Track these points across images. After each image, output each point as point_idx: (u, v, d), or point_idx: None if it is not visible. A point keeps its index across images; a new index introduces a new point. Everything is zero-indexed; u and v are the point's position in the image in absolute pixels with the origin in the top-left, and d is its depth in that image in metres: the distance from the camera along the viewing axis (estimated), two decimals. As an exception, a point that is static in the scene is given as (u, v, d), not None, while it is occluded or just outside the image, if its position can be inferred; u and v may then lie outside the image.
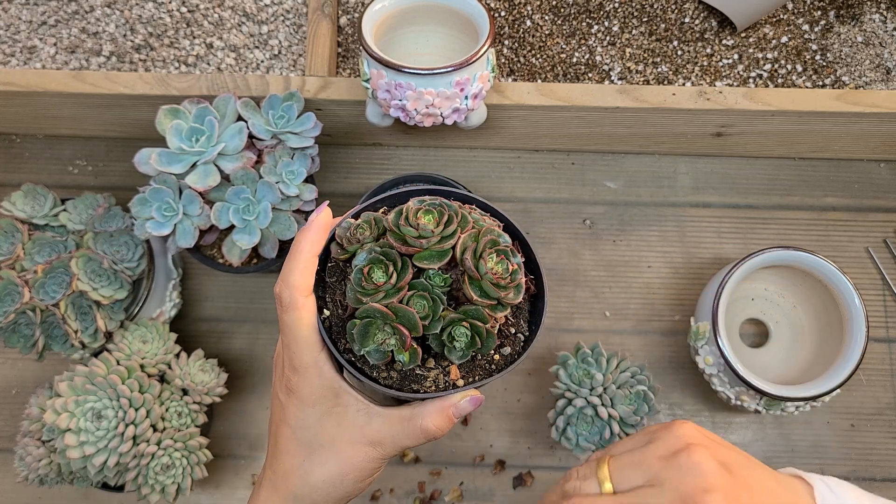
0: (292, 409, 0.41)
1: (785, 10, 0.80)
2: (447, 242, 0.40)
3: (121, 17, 0.80)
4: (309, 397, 0.40)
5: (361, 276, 0.39)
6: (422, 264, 0.39)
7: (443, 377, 0.41)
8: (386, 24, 0.65)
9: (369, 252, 0.40)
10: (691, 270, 0.77)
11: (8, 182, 0.80)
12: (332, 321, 0.41)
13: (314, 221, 0.40)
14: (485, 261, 0.40)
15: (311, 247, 0.39)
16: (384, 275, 0.39)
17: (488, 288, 0.39)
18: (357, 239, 0.41)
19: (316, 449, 0.41)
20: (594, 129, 0.73)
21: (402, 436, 0.41)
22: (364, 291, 0.39)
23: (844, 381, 0.63)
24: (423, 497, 0.72)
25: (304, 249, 0.39)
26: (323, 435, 0.41)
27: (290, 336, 0.40)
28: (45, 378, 0.75)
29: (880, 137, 0.73)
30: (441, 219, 0.40)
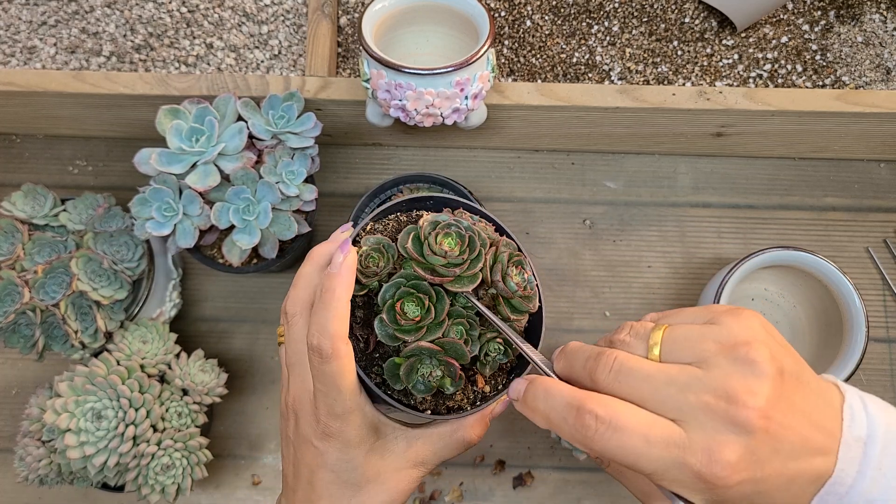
0: (334, 454, 0.40)
1: (785, 10, 0.80)
2: (476, 266, 0.40)
3: (121, 17, 0.80)
4: (354, 439, 0.39)
5: (395, 313, 0.38)
6: (454, 289, 0.39)
7: (470, 388, 0.42)
8: (386, 24, 0.65)
9: (396, 286, 0.39)
10: (691, 270, 0.77)
11: (8, 182, 0.80)
12: (357, 357, 0.40)
13: (345, 265, 0.38)
14: (511, 277, 0.40)
15: (346, 291, 0.37)
16: (419, 308, 0.38)
17: (519, 304, 0.41)
18: (373, 271, 0.40)
19: (363, 486, 0.40)
20: (594, 129, 0.73)
21: (446, 450, 0.41)
22: (401, 329, 0.38)
23: (844, 381, 0.63)
24: (423, 497, 0.72)
25: (341, 297, 0.37)
26: (370, 471, 0.40)
27: (330, 385, 0.38)
28: (45, 378, 0.75)
29: (880, 137, 0.73)
30: (463, 242, 0.40)
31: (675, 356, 0.32)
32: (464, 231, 0.40)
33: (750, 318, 0.32)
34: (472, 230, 0.41)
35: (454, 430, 0.41)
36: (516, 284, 0.40)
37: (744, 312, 0.33)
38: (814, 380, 0.33)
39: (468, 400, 0.42)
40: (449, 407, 0.41)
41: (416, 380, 0.39)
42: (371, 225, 0.43)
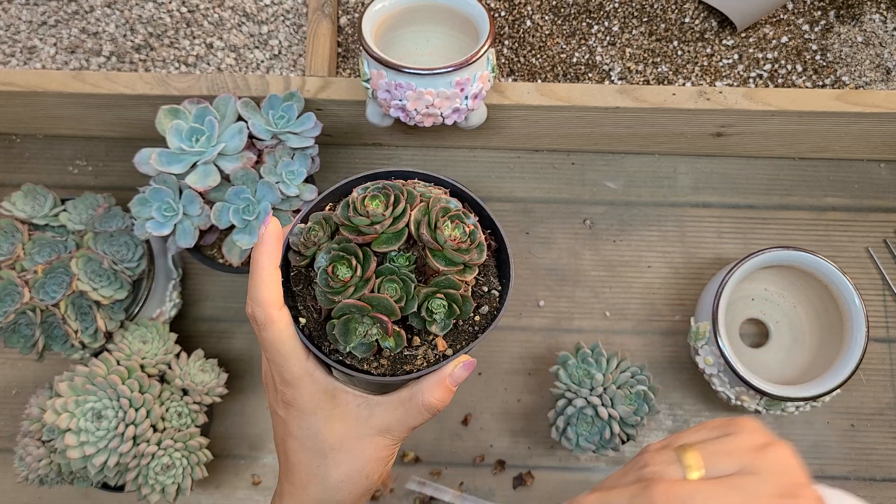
0: (294, 422, 0.41)
1: (785, 10, 0.80)
2: (400, 222, 0.40)
3: (121, 17, 0.80)
4: (308, 406, 0.40)
5: (327, 276, 0.39)
6: (381, 249, 0.40)
7: (431, 352, 0.41)
8: (386, 24, 0.65)
9: (328, 251, 0.39)
10: (691, 270, 0.77)
11: (8, 182, 0.80)
12: (311, 327, 0.41)
13: (265, 234, 0.39)
14: (441, 230, 0.40)
15: (270, 259, 0.39)
16: (349, 269, 0.39)
17: (451, 255, 0.40)
18: (312, 242, 0.41)
19: (327, 453, 0.41)
20: (594, 129, 0.73)
21: (408, 417, 0.41)
22: (333, 290, 0.39)
23: (844, 381, 0.63)
24: (424, 497, 0.72)
25: (264, 264, 0.39)
26: (331, 438, 0.41)
27: (273, 351, 0.39)
28: (45, 378, 0.75)
29: (880, 137, 0.73)
30: (388, 200, 0.40)
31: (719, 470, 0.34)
32: (392, 192, 0.40)
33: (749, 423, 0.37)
34: (401, 190, 0.40)
35: (412, 395, 0.41)
36: (450, 237, 0.40)
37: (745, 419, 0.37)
38: None
39: (429, 363, 0.41)
40: (407, 371, 0.41)
41: (353, 340, 0.39)
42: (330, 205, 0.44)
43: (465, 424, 0.74)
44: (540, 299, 0.77)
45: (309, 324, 0.41)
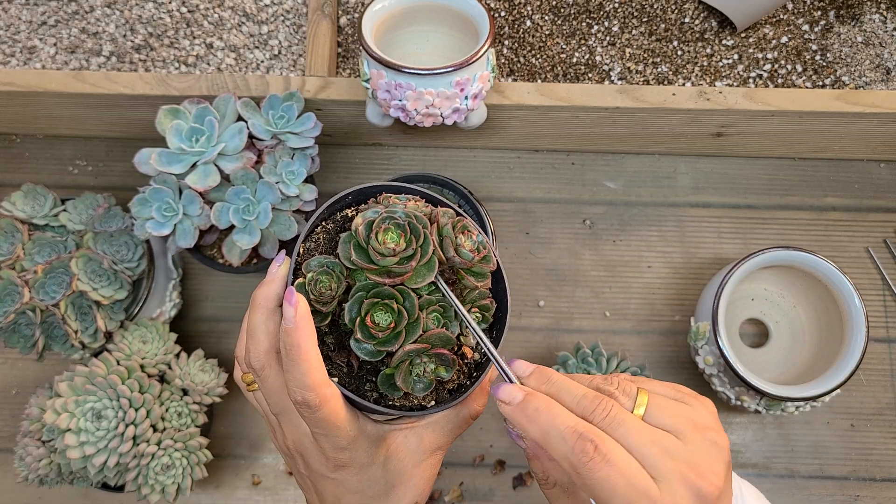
0: (353, 479, 0.40)
1: (785, 10, 0.80)
2: (428, 252, 0.38)
3: (121, 17, 0.80)
4: (366, 460, 0.40)
5: (368, 329, 0.37)
6: (417, 285, 0.38)
7: (461, 361, 0.41)
8: (386, 24, 0.65)
9: (358, 302, 0.37)
10: (691, 270, 0.77)
11: (8, 182, 0.80)
12: (345, 381, 0.39)
13: (299, 317, 0.36)
14: (463, 246, 0.39)
15: (310, 340, 0.37)
16: (390, 315, 0.37)
17: (479, 268, 0.40)
18: (329, 297, 0.38)
19: (390, 492, 0.42)
20: (594, 129, 0.73)
21: (456, 430, 0.42)
22: (380, 341, 0.37)
23: (844, 381, 0.63)
24: (423, 497, 0.72)
25: (307, 347, 0.36)
26: (392, 478, 0.41)
27: (327, 427, 0.38)
28: (45, 378, 0.75)
29: (880, 137, 0.73)
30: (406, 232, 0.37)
31: (657, 422, 0.37)
32: (402, 220, 0.38)
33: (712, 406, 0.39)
34: (409, 215, 0.38)
35: (458, 410, 0.42)
36: (470, 251, 0.39)
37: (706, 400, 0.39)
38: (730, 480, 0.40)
39: (464, 374, 0.41)
40: (449, 390, 0.41)
41: (412, 382, 0.38)
42: (303, 247, 0.40)
43: (465, 424, 0.74)
44: (540, 299, 0.77)
45: (341, 379, 0.39)
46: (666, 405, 0.37)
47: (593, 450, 0.34)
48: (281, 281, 0.39)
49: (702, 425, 0.37)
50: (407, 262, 0.37)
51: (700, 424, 0.37)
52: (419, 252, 0.37)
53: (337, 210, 0.42)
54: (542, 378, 0.38)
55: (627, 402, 0.37)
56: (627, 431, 0.35)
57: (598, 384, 0.38)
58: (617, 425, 0.35)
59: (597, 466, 0.34)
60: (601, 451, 0.34)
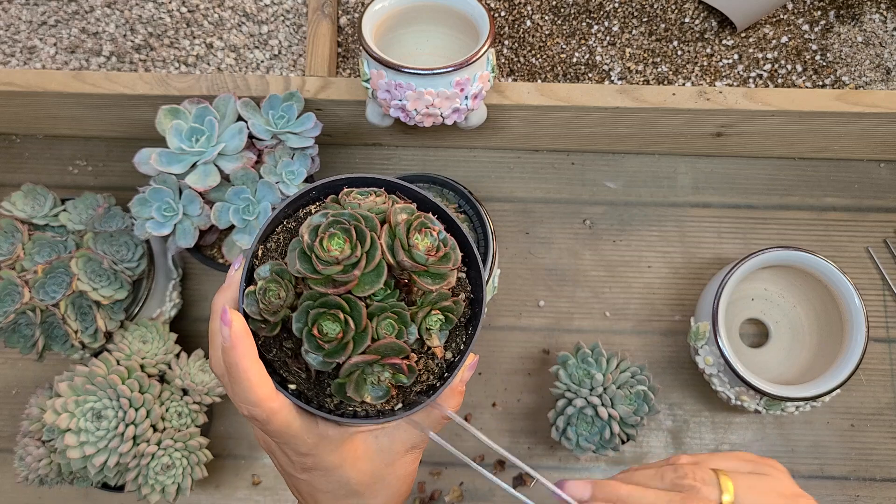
0: (321, 480, 0.40)
1: (785, 10, 0.80)
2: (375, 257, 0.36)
3: (121, 17, 0.80)
4: (331, 463, 0.40)
5: (315, 339, 0.35)
6: (365, 293, 0.36)
7: (432, 361, 0.39)
8: (386, 24, 0.65)
9: (304, 312, 0.35)
10: (691, 270, 0.77)
11: (8, 182, 0.80)
12: (303, 387, 0.38)
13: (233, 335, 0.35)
14: (416, 247, 0.36)
15: (248, 358, 0.36)
16: (338, 324, 0.35)
17: (437, 269, 0.37)
18: (276, 306, 0.36)
19: (363, 491, 0.41)
20: (594, 129, 0.73)
21: (428, 429, 0.41)
22: (328, 352, 0.36)
23: (844, 381, 0.63)
24: (424, 497, 0.72)
25: (246, 366, 0.35)
26: (363, 478, 0.41)
27: (283, 437, 0.38)
28: (45, 378, 0.75)
29: (880, 137, 0.73)
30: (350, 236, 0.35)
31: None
32: (348, 224, 0.35)
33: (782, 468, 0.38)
34: (357, 217, 0.36)
35: (429, 412, 0.40)
36: (426, 252, 0.36)
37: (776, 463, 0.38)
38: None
39: (434, 374, 0.39)
40: (418, 391, 0.39)
41: (367, 390, 0.37)
42: (262, 248, 0.39)
43: (465, 424, 0.74)
44: (540, 299, 0.77)
45: (300, 385, 0.38)
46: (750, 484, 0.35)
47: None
48: (237, 286, 0.38)
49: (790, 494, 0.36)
50: (351, 269, 0.35)
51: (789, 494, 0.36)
52: (364, 258, 0.35)
53: (301, 206, 0.40)
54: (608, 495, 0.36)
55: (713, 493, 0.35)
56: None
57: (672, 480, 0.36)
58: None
59: None
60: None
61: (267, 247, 0.39)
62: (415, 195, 0.41)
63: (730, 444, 0.73)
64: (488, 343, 0.76)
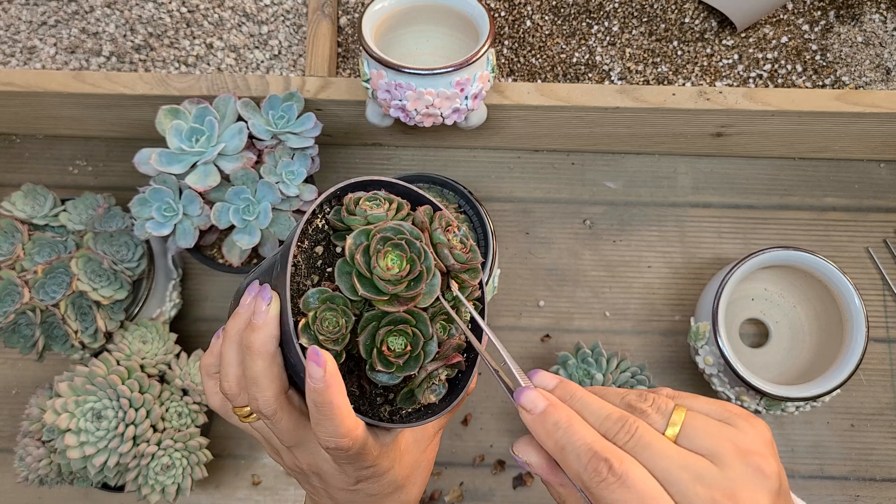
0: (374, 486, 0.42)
1: (785, 10, 0.80)
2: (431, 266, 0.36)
3: (121, 18, 0.80)
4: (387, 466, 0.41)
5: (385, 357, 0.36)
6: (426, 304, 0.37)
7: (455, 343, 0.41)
8: (386, 24, 0.65)
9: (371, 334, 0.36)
10: (691, 270, 0.77)
11: (8, 182, 0.80)
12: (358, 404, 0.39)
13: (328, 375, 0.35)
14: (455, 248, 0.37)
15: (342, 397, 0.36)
16: (405, 339, 0.36)
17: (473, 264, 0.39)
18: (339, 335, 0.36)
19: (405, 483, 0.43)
20: (594, 129, 0.73)
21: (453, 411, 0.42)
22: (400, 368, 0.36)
23: (844, 381, 0.63)
24: (423, 497, 0.72)
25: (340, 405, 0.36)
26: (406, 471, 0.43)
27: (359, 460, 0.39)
28: (45, 378, 0.75)
29: (880, 137, 0.73)
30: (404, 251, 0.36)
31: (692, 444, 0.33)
32: (396, 238, 0.36)
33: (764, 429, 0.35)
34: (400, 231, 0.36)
35: None
36: (462, 251, 0.38)
37: (759, 422, 0.35)
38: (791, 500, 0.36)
39: None
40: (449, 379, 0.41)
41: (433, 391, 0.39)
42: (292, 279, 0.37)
43: (465, 424, 0.74)
44: (540, 299, 0.77)
45: (354, 402, 0.38)
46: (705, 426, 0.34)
47: (607, 470, 0.32)
48: (275, 322, 0.37)
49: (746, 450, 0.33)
50: (416, 285, 0.36)
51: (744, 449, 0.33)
52: (425, 271, 0.36)
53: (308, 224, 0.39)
54: (566, 393, 0.36)
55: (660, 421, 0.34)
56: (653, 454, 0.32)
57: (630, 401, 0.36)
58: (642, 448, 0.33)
59: (610, 488, 0.32)
60: (616, 472, 0.32)
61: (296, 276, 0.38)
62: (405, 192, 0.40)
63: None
64: (488, 343, 0.75)
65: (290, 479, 0.73)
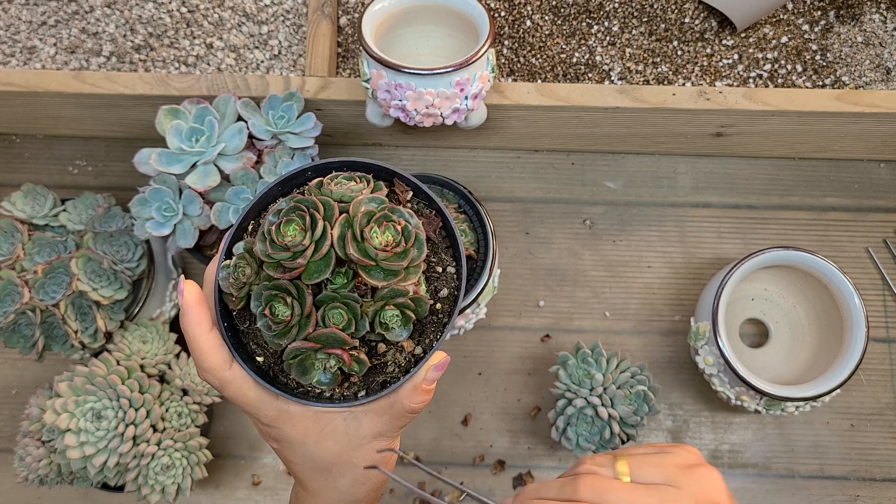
0: (287, 452, 0.42)
1: (785, 10, 0.80)
2: (323, 246, 0.36)
3: (121, 18, 0.80)
4: (296, 437, 0.41)
5: (267, 319, 0.36)
6: (312, 281, 0.36)
7: (400, 355, 0.39)
8: (386, 24, 0.65)
9: (260, 292, 0.37)
10: (691, 270, 0.77)
11: (8, 182, 0.80)
12: (271, 361, 0.40)
13: (184, 303, 0.38)
14: (369, 241, 0.36)
15: (199, 326, 0.38)
16: (287, 308, 0.36)
17: (388, 265, 0.36)
18: (242, 281, 0.37)
19: (330, 468, 0.42)
20: (594, 129, 0.73)
21: (394, 421, 0.42)
22: (277, 333, 0.37)
23: (844, 381, 0.63)
24: (424, 498, 0.72)
25: (196, 333, 0.38)
26: (329, 456, 0.42)
27: (240, 404, 0.40)
28: (45, 378, 0.75)
29: (880, 137, 0.73)
30: (304, 223, 0.36)
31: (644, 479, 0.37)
32: (306, 210, 0.36)
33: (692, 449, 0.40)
34: (316, 205, 0.36)
35: (392, 403, 0.41)
36: (380, 246, 0.36)
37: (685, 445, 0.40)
38: None
39: (400, 368, 0.40)
40: (382, 382, 0.40)
41: (315, 375, 0.38)
42: (252, 223, 0.40)
43: (465, 424, 0.74)
44: (540, 299, 0.77)
45: (268, 360, 0.40)
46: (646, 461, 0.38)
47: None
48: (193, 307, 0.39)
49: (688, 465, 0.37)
50: (297, 256, 0.36)
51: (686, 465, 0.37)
52: (312, 247, 0.36)
53: (296, 186, 0.41)
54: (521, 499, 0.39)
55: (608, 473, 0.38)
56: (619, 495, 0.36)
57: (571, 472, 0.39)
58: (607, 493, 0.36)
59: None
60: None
61: (259, 222, 0.40)
62: (413, 185, 0.40)
63: (730, 444, 0.73)
64: (488, 343, 0.76)
65: (289, 479, 0.73)
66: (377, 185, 0.39)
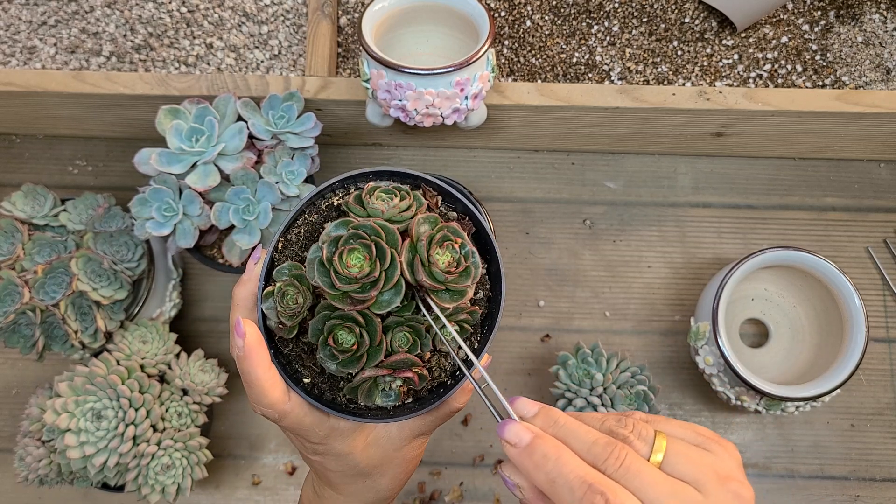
0: (332, 462, 0.42)
1: (785, 10, 0.80)
2: (394, 276, 0.35)
3: (121, 17, 0.80)
4: (343, 450, 0.42)
5: (331, 348, 0.36)
6: (383, 310, 0.36)
7: (446, 360, 0.40)
8: (386, 24, 0.65)
9: (321, 321, 0.36)
10: (691, 270, 0.77)
11: (8, 182, 0.80)
12: (317, 381, 0.40)
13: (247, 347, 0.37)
14: (436, 264, 0.36)
15: (262, 368, 0.38)
16: (352, 336, 0.36)
17: (455, 287, 0.37)
18: (293, 311, 0.37)
19: (372, 472, 0.43)
20: (594, 129, 0.73)
21: (437, 420, 0.43)
22: (344, 362, 0.36)
23: (844, 381, 0.63)
24: (423, 497, 0.72)
25: (259, 375, 0.38)
26: (372, 461, 0.43)
27: (295, 431, 0.40)
28: (45, 378, 0.75)
29: (880, 137, 0.73)
30: (370, 253, 0.35)
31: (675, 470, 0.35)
32: (368, 237, 0.35)
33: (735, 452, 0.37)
34: (378, 231, 0.35)
35: (438, 406, 0.42)
36: (446, 269, 0.36)
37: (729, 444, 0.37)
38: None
39: (446, 372, 0.40)
40: (429, 388, 0.40)
41: (378, 396, 0.38)
42: (282, 241, 0.39)
43: (465, 424, 0.74)
44: (540, 299, 0.77)
45: (314, 379, 0.39)
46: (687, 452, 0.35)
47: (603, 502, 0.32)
48: (257, 280, 0.39)
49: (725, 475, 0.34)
50: (370, 288, 0.35)
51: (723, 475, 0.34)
52: (383, 278, 0.35)
53: (322, 198, 0.40)
54: (549, 420, 0.36)
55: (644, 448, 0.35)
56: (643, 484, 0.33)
57: (610, 426, 0.36)
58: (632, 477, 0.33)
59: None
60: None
61: (288, 238, 0.39)
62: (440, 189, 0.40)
63: (730, 444, 0.73)
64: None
65: (289, 479, 0.73)
66: (416, 198, 0.39)
